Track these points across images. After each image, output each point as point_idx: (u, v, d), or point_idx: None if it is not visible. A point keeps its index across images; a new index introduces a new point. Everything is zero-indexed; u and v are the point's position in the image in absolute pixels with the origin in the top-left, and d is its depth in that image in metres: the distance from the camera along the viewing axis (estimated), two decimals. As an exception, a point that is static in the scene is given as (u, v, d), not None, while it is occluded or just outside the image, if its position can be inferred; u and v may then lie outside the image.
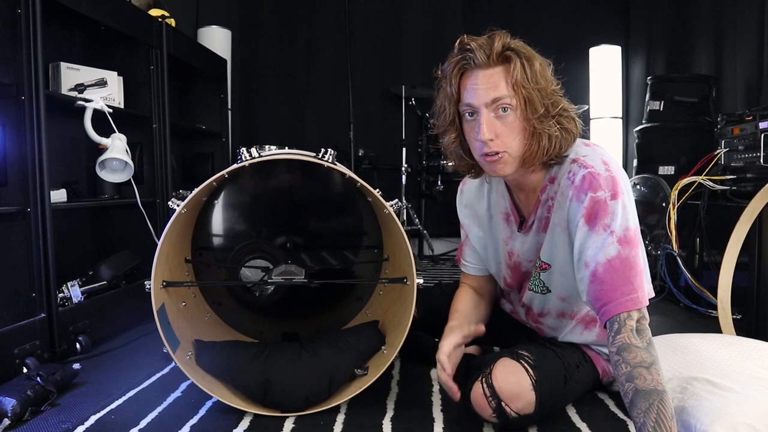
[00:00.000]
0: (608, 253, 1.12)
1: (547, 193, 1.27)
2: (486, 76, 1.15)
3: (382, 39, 4.50)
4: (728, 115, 2.40)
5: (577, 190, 1.16)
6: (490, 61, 1.15)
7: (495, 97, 1.14)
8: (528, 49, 1.16)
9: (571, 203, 1.18)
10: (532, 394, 1.23)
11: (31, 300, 1.69)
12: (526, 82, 1.13)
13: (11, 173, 1.65)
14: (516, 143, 1.17)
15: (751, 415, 1.13)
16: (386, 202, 1.41)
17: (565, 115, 1.18)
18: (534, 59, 1.15)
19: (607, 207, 1.13)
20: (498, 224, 1.43)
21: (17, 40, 1.63)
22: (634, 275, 1.12)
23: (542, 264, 1.33)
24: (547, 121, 1.15)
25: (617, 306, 1.10)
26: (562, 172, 1.22)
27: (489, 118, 1.15)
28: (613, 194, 1.14)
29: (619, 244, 1.12)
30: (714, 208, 2.38)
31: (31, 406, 1.37)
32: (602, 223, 1.13)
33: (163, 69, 2.44)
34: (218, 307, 1.80)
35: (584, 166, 1.17)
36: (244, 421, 1.36)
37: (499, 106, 1.15)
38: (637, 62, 4.33)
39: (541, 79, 1.15)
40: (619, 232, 1.13)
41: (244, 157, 1.40)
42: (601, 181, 1.15)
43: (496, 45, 1.14)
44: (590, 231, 1.14)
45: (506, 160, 1.19)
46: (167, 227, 1.33)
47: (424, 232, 3.94)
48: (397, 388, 1.58)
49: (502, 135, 1.16)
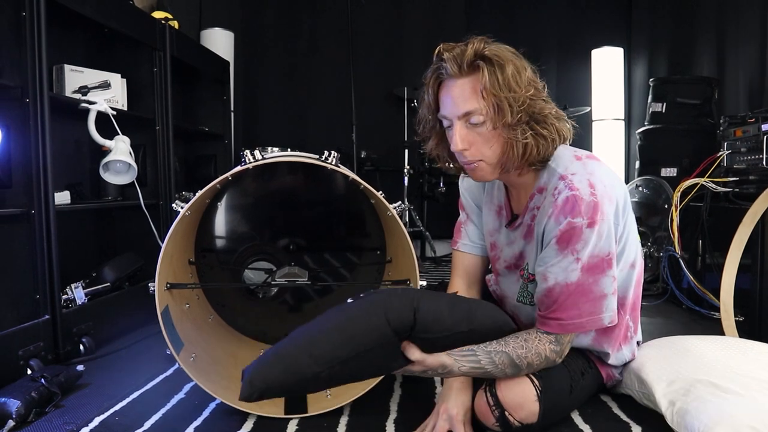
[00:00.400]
0: (569, 277, 1.17)
1: (534, 202, 1.27)
2: (458, 87, 1.16)
3: (385, 41, 4.50)
4: (731, 117, 2.40)
5: (558, 210, 1.17)
6: (461, 71, 1.15)
7: (466, 111, 1.15)
8: (501, 55, 1.14)
9: (549, 220, 1.19)
10: (537, 404, 1.22)
11: (35, 302, 1.69)
12: (496, 89, 1.12)
13: (16, 175, 1.66)
14: (490, 152, 1.18)
15: (755, 418, 1.13)
16: (389, 205, 1.41)
17: (543, 121, 1.16)
18: (506, 65, 1.13)
19: (581, 234, 1.15)
20: (488, 215, 1.44)
21: (22, 42, 1.64)
22: (585, 302, 1.19)
23: (530, 276, 1.33)
24: (519, 128, 1.15)
25: (560, 327, 1.21)
26: (550, 187, 1.22)
27: (462, 129, 1.17)
28: (591, 222, 1.14)
29: (581, 271, 1.17)
30: (716, 210, 2.38)
31: (35, 407, 1.37)
32: (572, 248, 1.16)
33: (166, 71, 2.45)
34: (222, 308, 1.81)
35: (570, 188, 1.16)
36: (248, 423, 1.37)
37: (470, 118, 1.16)
38: (640, 64, 4.33)
39: (514, 85, 1.13)
40: (585, 260, 1.16)
41: (248, 159, 1.40)
42: (582, 207, 1.14)
43: (468, 53, 1.14)
44: (559, 252, 1.18)
45: (483, 168, 1.21)
46: (171, 229, 1.33)
47: (426, 233, 3.94)
48: (400, 390, 1.58)
49: (476, 144, 1.18)
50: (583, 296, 1.18)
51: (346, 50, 3.58)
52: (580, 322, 1.20)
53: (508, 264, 1.40)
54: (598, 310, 1.20)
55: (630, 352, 1.43)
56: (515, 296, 1.40)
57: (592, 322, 1.20)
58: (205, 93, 3.21)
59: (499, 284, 1.46)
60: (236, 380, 1.50)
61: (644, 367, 1.41)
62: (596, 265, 1.17)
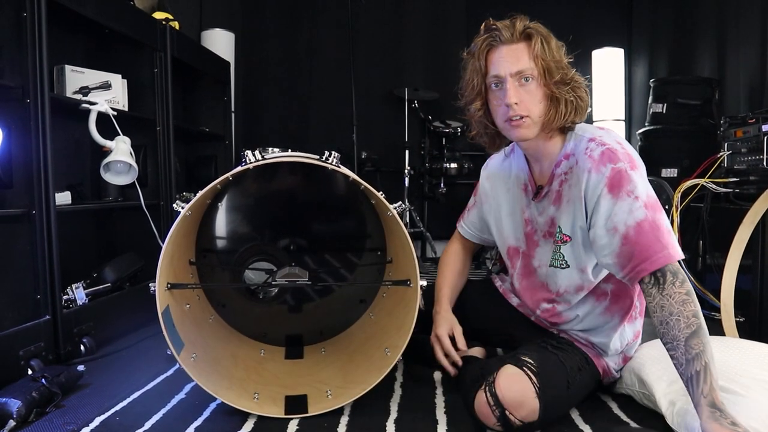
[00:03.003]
0: (637, 216, 1.21)
1: (561, 168, 1.36)
2: (510, 51, 1.31)
3: (385, 41, 4.50)
4: (731, 118, 2.40)
5: (597, 163, 1.26)
6: (514, 37, 1.30)
7: (519, 69, 1.29)
8: (545, 30, 1.33)
9: (590, 175, 1.26)
10: (536, 401, 1.24)
11: (36, 302, 1.69)
12: (545, 55, 1.29)
13: (16, 176, 1.66)
14: (537, 108, 1.31)
15: (756, 419, 1.13)
16: (390, 205, 1.41)
17: (579, 87, 1.33)
18: (550, 38, 1.32)
19: (629, 176, 1.23)
20: (518, 194, 1.53)
21: (22, 43, 1.64)
22: (662, 234, 1.20)
23: (564, 237, 1.37)
24: (564, 87, 1.30)
25: (653, 263, 1.19)
26: (580, 150, 1.32)
27: (514, 86, 1.30)
28: (632, 165, 1.24)
29: (645, 208, 1.21)
30: (717, 211, 2.38)
31: (36, 407, 1.37)
32: (626, 190, 1.22)
33: (166, 72, 2.45)
34: (222, 309, 1.81)
35: (602, 144, 1.29)
36: (248, 423, 1.37)
37: (522, 76, 1.29)
38: (640, 64, 4.33)
39: (557, 54, 1.31)
40: (644, 197, 1.22)
41: (248, 159, 1.40)
42: (619, 155, 1.25)
43: (518, 25, 1.31)
44: (615, 198, 1.23)
45: (528, 124, 1.32)
46: (172, 230, 1.34)
47: (427, 234, 3.94)
48: (400, 390, 1.58)
49: (525, 101, 1.30)
50: (658, 230, 1.20)
51: (346, 50, 3.58)
52: (668, 253, 1.19)
53: (544, 233, 1.45)
54: (674, 241, 1.21)
55: (632, 332, 1.46)
56: (548, 263, 1.44)
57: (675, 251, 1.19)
58: (205, 93, 3.21)
59: (536, 255, 1.50)
60: (237, 380, 1.50)
61: (644, 367, 1.41)
62: (654, 202, 1.23)
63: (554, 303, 1.47)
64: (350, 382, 1.50)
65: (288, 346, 1.83)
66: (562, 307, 1.46)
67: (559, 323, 1.49)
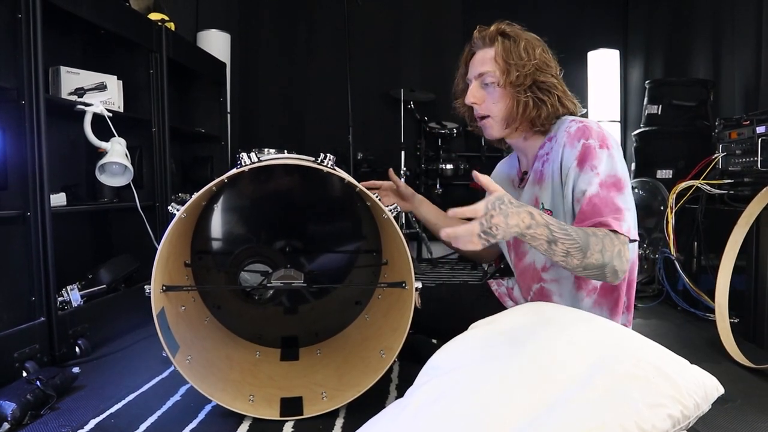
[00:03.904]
0: (591, 191, 1.27)
1: (544, 149, 1.42)
2: (480, 55, 1.42)
3: (382, 43, 4.51)
4: (726, 120, 2.41)
5: (571, 138, 1.32)
6: (485, 43, 1.41)
7: (480, 71, 1.40)
8: (517, 33, 1.39)
9: (564, 149, 1.33)
10: None
11: (31, 304, 1.69)
12: (506, 57, 1.36)
13: (11, 177, 1.66)
14: (496, 108, 1.40)
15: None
16: (385, 207, 1.41)
17: (546, 90, 1.37)
18: (520, 40, 1.37)
19: (595, 152, 1.29)
20: (510, 191, 1.53)
21: (18, 44, 1.63)
22: (609, 212, 1.25)
23: (545, 211, 1.39)
24: (522, 90, 1.36)
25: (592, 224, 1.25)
26: (561, 129, 1.37)
27: (476, 87, 1.42)
28: (602, 144, 1.29)
29: (599, 186, 1.27)
30: (712, 212, 2.39)
31: (30, 410, 1.37)
32: (590, 164, 1.29)
33: (162, 73, 2.45)
34: (217, 311, 1.81)
35: (580, 122, 1.35)
36: (244, 425, 1.37)
37: (483, 78, 1.40)
38: (636, 66, 4.35)
39: (524, 55, 1.35)
40: (603, 176, 1.28)
41: (244, 161, 1.40)
42: (593, 133, 1.31)
43: (491, 30, 1.40)
44: (580, 171, 1.30)
45: (491, 124, 1.43)
46: (167, 231, 1.33)
47: (422, 235, 3.94)
48: (395, 391, 1.59)
49: (486, 102, 1.41)
50: (607, 206, 1.26)
51: (342, 51, 3.59)
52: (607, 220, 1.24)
53: None
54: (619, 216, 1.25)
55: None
56: None
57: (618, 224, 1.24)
58: (201, 94, 3.20)
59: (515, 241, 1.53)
60: (232, 382, 1.50)
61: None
62: (613, 183, 1.28)
63: (542, 283, 1.47)
64: (345, 384, 1.50)
65: (283, 348, 1.83)
66: (552, 286, 1.45)
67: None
